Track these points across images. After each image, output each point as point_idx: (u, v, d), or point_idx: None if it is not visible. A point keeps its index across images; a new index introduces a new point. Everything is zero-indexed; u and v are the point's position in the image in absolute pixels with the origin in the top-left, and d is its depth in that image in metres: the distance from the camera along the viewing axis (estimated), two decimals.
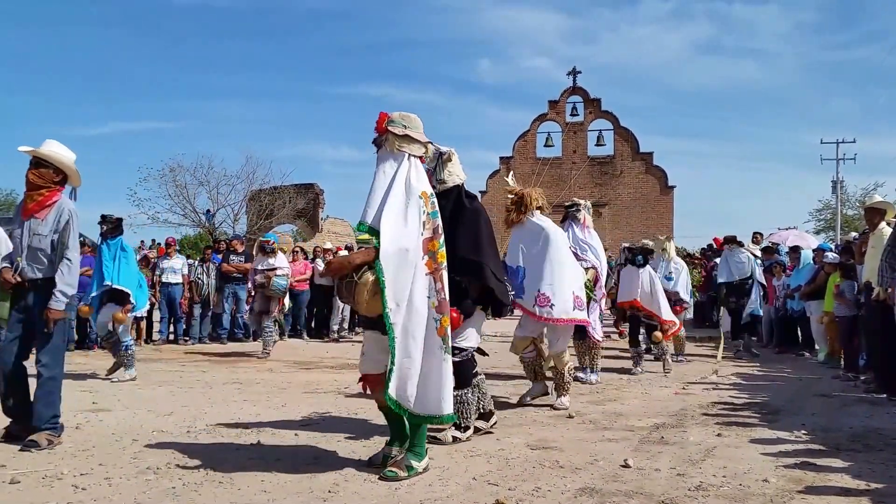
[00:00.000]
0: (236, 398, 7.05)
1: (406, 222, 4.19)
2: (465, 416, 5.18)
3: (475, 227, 5.04)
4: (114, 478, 4.18)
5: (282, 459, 4.64)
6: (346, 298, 4.34)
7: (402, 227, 4.17)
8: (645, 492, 3.99)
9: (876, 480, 4.23)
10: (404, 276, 4.13)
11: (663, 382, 8.49)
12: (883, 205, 8.12)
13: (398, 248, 4.12)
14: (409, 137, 4.35)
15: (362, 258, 4.24)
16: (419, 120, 4.46)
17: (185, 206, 27.15)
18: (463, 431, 5.19)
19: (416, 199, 4.25)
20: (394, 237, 4.12)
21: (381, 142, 4.35)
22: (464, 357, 5.10)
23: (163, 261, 13.18)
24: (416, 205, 4.23)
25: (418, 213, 4.22)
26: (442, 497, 3.89)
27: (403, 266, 4.13)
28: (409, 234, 4.18)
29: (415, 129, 4.40)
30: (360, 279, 4.16)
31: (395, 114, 4.40)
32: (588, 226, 8.27)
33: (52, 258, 5.02)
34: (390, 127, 4.33)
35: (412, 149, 4.36)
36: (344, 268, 4.25)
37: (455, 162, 5.17)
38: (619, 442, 5.28)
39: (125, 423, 5.80)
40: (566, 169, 33.53)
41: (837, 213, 39.44)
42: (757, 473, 4.37)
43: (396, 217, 4.18)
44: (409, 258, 4.15)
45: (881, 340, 7.69)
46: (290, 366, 9.83)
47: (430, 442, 4.81)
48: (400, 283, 4.11)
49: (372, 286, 4.13)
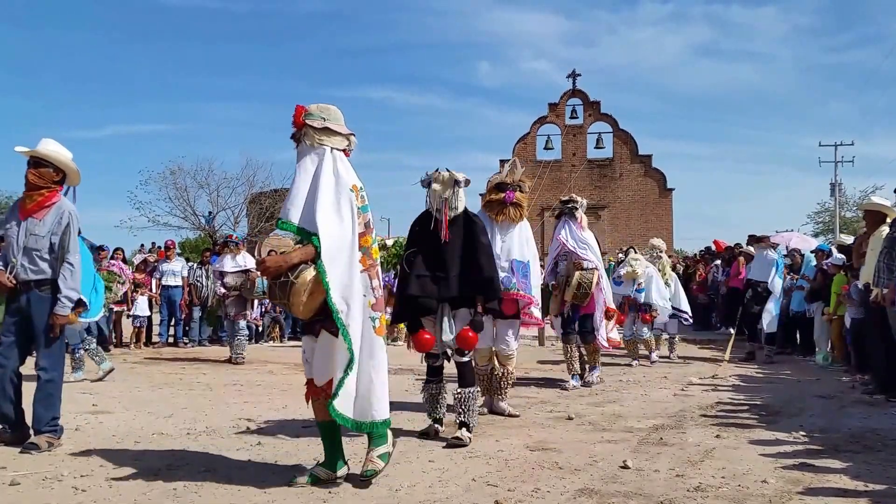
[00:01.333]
0: (237, 400, 7.06)
1: (341, 218, 4.01)
2: (471, 412, 5.34)
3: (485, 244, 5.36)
4: (114, 479, 4.18)
5: (282, 461, 4.66)
6: (280, 300, 4.03)
7: (339, 224, 3.99)
8: (644, 493, 4.00)
9: (874, 481, 4.25)
10: (348, 274, 3.97)
11: (662, 384, 8.49)
12: (881, 207, 8.12)
13: (339, 246, 3.95)
14: (329, 130, 4.12)
15: (300, 257, 3.95)
16: (339, 111, 4.23)
17: (186, 209, 27.31)
18: (470, 431, 5.29)
19: (348, 192, 4.05)
20: (333, 235, 3.95)
21: (300, 136, 4.13)
22: (470, 357, 5.46)
23: (162, 264, 13.23)
24: (348, 199, 4.04)
25: (350, 207, 4.04)
26: (441, 498, 3.90)
27: (345, 264, 3.97)
28: (346, 230, 4.01)
29: (335, 121, 4.17)
30: (296, 279, 3.90)
31: (312, 106, 4.18)
32: (584, 226, 8.12)
33: (48, 260, 4.96)
34: (308, 120, 4.10)
35: (333, 142, 4.13)
36: (280, 267, 3.94)
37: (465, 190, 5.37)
38: (619, 443, 5.29)
39: (125, 425, 5.81)
40: (566, 171, 33.47)
41: (836, 215, 39.48)
42: (756, 474, 4.38)
43: (331, 213, 3.98)
44: (347, 256, 3.99)
45: (879, 342, 7.70)
46: (291, 367, 9.83)
47: (451, 445, 5.02)
48: (344, 282, 3.95)
49: (310, 286, 3.90)
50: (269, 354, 11.67)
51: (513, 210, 6.28)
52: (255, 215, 27.76)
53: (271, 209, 27.37)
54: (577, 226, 8.00)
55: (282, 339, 14.17)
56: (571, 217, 8.02)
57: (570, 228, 7.96)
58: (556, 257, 8.15)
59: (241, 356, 10.51)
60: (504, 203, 6.24)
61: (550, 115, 34.44)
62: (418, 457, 4.83)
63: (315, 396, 4.17)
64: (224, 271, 10.71)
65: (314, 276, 3.90)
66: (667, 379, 8.93)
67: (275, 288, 3.98)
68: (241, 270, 10.62)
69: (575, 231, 7.96)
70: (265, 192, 28.04)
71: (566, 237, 8.00)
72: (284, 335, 14.24)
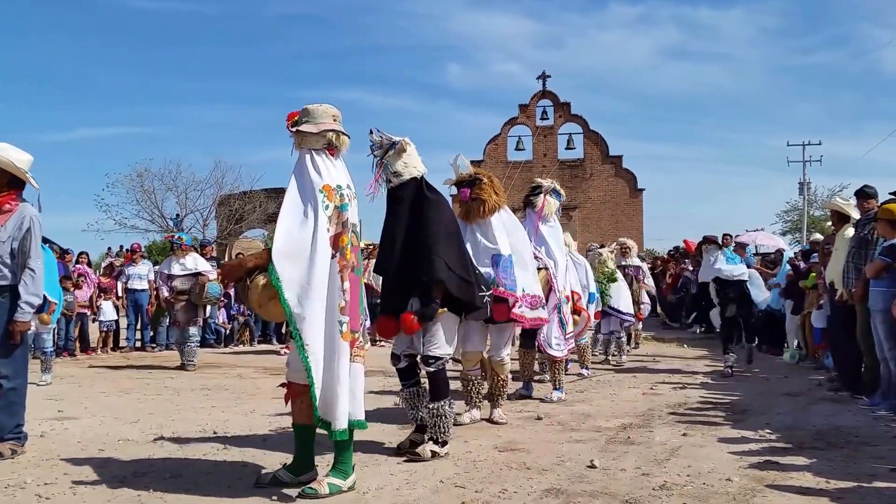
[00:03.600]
0: (204, 404, 7.00)
1: (304, 219, 3.94)
2: (442, 429, 4.87)
3: (431, 219, 4.79)
4: (79, 487, 4.14)
5: (248, 465, 4.63)
6: (245, 302, 4.16)
7: (297, 226, 3.93)
8: (609, 492, 4.03)
9: (836, 477, 4.31)
10: (307, 275, 3.87)
11: (632, 383, 8.55)
12: (841, 207, 8.22)
13: (297, 249, 3.89)
14: (301, 133, 4.08)
15: (254, 261, 4.02)
16: (320, 109, 4.15)
17: (153, 212, 27.00)
18: (441, 446, 4.86)
19: (315, 193, 3.98)
20: (288, 237, 3.91)
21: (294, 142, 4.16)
22: (438, 367, 4.93)
23: (128, 267, 13.03)
24: (314, 199, 3.97)
25: (317, 208, 3.95)
26: (409, 501, 3.90)
27: (304, 265, 3.88)
28: (307, 231, 3.93)
29: (312, 121, 4.10)
30: (250, 283, 3.96)
31: (303, 109, 4.17)
32: (547, 214, 7.33)
33: (9, 265, 4.86)
34: (293, 128, 4.12)
35: (310, 142, 4.09)
36: (235, 271, 4.05)
37: (411, 153, 4.88)
38: (587, 443, 5.32)
39: (91, 431, 5.73)
40: (537, 172, 33.51)
41: (804, 214, 40.06)
42: (721, 472, 4.43)
43: (291, 216, 3.95)
44: (307, 257, 3.89)
45: (844, 340, 7.83)
46: (260, 371, 9.76)
47: (410, 460, 4.69)
48: (302, 283, 3.86)
49: (263, 290, 3.90)
50: (239, 358, 11.56)
51: (475, 206, 5.81)
52: (225, 217, 27.51)
53: (240, 211, 27.17)
54: (536, 215, 7.28)
55: (252, 342, 14.03)
56: (531, 208, 7.34)
57: (529, 226, 7.13)
58: None
59: (192, 363, 9.92)
60: (465, 202, 5.84)
61: (521, 117, 34.59)
62: (387, 459, 4.81)
63: (295, 398, 4.12)
64: (172, 274, 10.11)
65: (267, 281, 3.88)
66: (636, 378, 8.99)
67: (239, 290, 4.05)
68: (189, 274, 10.09)
69: (531, 229, 7.10)
70: (234, 195, 27.80)
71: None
72: (254, 338, 14.10)
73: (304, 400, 4.02)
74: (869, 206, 7.23)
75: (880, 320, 6.48)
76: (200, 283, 9.93)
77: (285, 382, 4.18)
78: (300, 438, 4.18)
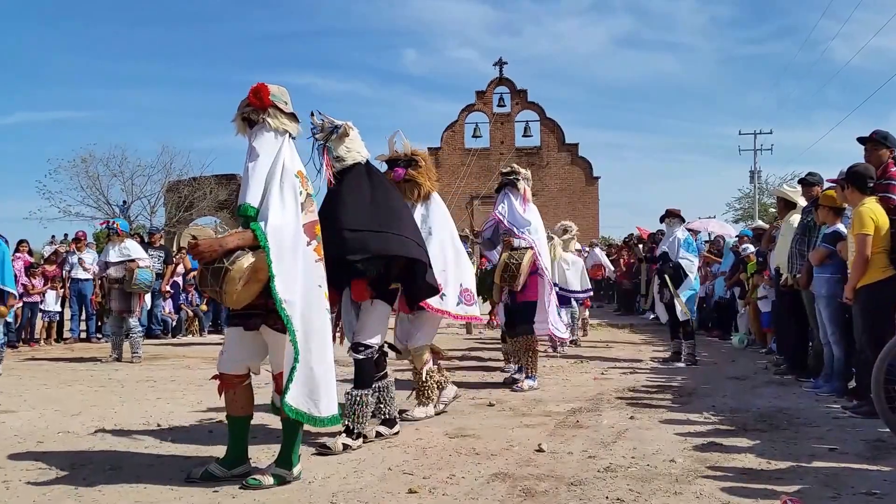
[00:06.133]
0: (149, 396, 6.85)
1: (284, 205, 3.82)
2: (358, 420, 4.70)
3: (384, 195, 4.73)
4: (12, 481, 4.00)
5: (192, 458, 4.53)
6: (211, 288, 3.73)
7: (281, 210, 3.80)
8: (556, 475, 4.05)
9: (777, 458, 4.39)
10: (291, 264, 3.79)
11: (583, 368, 8.62)
12: (786, 194, 8.41)
13: (285, 234, 3.78)
14: (294, 115, 4.02)
15: (237, 242, 3.74)
16: (280, 90, 4.04)
17: (99, 199, 26.15)
18: (355, 439, 4.68)
19: (292, 178, 3.90)
20: (280, 221, 3.77)
21: (260, 117, 3.92)
22: (367, 355, 4.80)
23: (72, 256, 12.66)
24: (292, 185, 3.88)
25: (294, 194, 3.87)
26: (356, 489, 3.85)
27: (288, 252, 3.78)
28: (289, 217, 3.83)
29: (282, 103, 4.00)
30: (231, 265, 3.66)
31: (273, 87, 3.99)
32: (529, 199, 7.30)
33: None
34: (276, 101, 3.95)
35: (292, 127, 4.02)
36: (215, 251, 3.70)
37: (354, 137, 4.80)
38: (536, 427, 5.34)
39: (30, 424, 5.57)
40: (494, 160, 33.70)
41: (755, 202, 40.82)
42: (665, 454, 4.48)
43: (277, 200, 3.82)
44: (291, 244, 3.81)
45: (790, 324, 7.99)
46: (209, 362, 9.56)
47: (320, 453, 4.53)
48: (288, 272, 3.76)
49: (246, 274, 3.68)
50: (188, 349, 11.36)
51: (409, 188, 5.58)
52: (173, 205, 26.84)
53: (190, 198, 26.57)
54: (520, 200, 7.20)
55: (201, 333, 13.81)
56: (513, 189, 7.24)
57: (511, 204, 7.13)
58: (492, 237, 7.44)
59: (137, 354, 9.59)
60: (397, 182, 5.51)
61: (478, 104, 34.64)
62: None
63: (228, 389, 4.03)
64: (108, 262, 9.77)
65: (252, 264, 3.70)
66: (588, 364, 9.06)
67: (206, 274, 3.71)
68: (124, 261, 9.67)
69: (515, 207, 7.12)
70: (183, 181, 27.16)
71: (503, 213, 7.17)
72: (204, 329, 13.87)
73: (238, 391, 3.98)
74: (813, 193, 7.37)
75: (824, 305, 6.61)
76: (128, 269, 9.57)
77: (217, 374, 4.08)
78: (234, 430, 4.10)
